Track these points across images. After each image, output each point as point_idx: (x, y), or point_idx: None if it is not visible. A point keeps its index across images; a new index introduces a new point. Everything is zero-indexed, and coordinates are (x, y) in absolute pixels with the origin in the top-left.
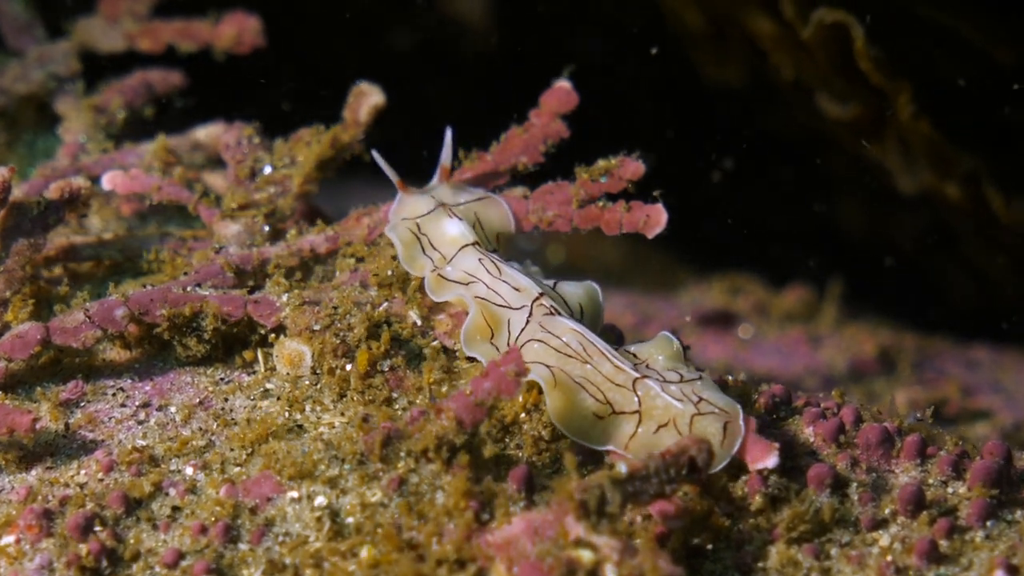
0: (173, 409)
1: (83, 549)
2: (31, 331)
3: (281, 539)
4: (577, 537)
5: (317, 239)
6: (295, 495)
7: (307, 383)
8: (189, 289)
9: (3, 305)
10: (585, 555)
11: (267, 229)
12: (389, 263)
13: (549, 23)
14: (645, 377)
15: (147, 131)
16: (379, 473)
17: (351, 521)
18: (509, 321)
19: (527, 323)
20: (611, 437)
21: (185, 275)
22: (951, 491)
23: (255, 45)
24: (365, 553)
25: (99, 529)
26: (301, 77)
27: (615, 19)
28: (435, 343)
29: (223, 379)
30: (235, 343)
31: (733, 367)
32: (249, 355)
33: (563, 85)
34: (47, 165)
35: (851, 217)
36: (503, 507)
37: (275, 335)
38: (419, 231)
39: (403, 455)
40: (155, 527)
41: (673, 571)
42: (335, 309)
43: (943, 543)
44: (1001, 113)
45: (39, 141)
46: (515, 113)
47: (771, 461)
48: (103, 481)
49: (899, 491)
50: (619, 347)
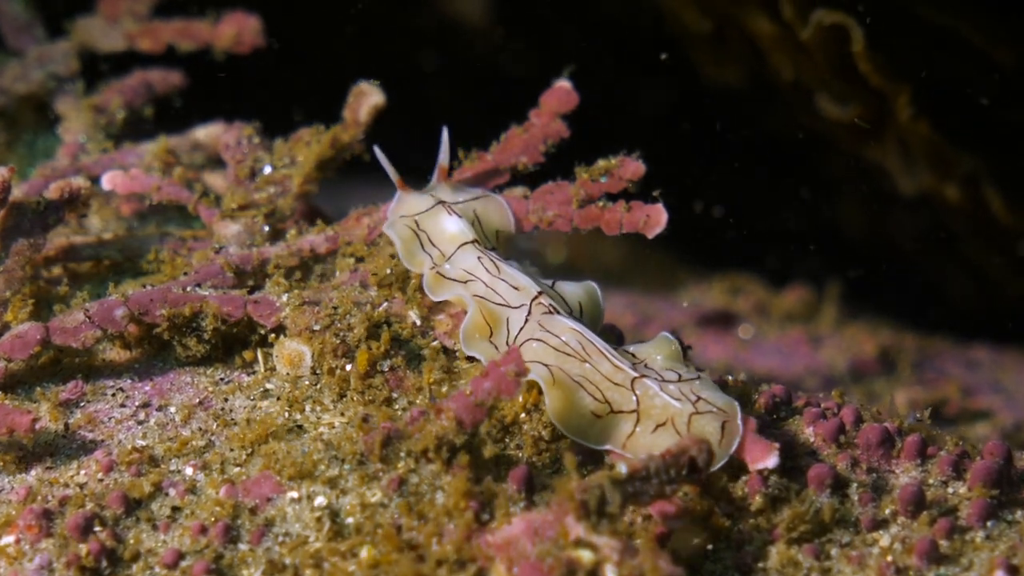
0: (173, 409)
1: (83, 549)
2: (31, 331)
3: (281, 539)
4: (577, 537)
5: (317, 239)
6: (295, 495)
7: (307, 383)
8: (189, 289)
9: (3, 305)
10: (585, 555)
11: (267, 229)
12: (389, 262)
13: (549, 23)
14: (643, 376)
15: (147, 131)
16: (379, 473)
17: (351, 521)
18: (508, 320)
19: (526, 322)
20: (609, 436)
21: (185, 275)
22: (951, 491)
23: (255, 45)
24: (365, 553)
25: (99, 529)
26: (301, 77)
27: (615, 19)
28: (435, 343)
29: (223, 379)
30: (235, 343)
31: (733, 367)
32: (249, 355)
33: (563, 85)
34: (47, 165)
35: (851, 217)
36: (503, 507)
37: (275, 335)
38: (418, 228)
39: (403, 455)
40: (155, 527)
41: (673, 571)
42: (335, 309)
43: (943, 543)
44: (1001, 114)
45: (39, 141)
46: (515, 113)
47: (771, 461)
48: (103, 481)
49: (899, 491)
50: (618, 347)
